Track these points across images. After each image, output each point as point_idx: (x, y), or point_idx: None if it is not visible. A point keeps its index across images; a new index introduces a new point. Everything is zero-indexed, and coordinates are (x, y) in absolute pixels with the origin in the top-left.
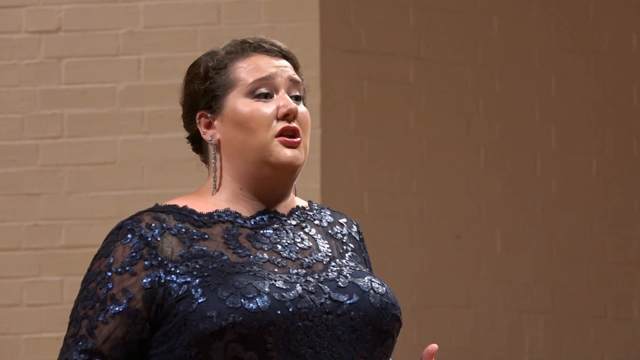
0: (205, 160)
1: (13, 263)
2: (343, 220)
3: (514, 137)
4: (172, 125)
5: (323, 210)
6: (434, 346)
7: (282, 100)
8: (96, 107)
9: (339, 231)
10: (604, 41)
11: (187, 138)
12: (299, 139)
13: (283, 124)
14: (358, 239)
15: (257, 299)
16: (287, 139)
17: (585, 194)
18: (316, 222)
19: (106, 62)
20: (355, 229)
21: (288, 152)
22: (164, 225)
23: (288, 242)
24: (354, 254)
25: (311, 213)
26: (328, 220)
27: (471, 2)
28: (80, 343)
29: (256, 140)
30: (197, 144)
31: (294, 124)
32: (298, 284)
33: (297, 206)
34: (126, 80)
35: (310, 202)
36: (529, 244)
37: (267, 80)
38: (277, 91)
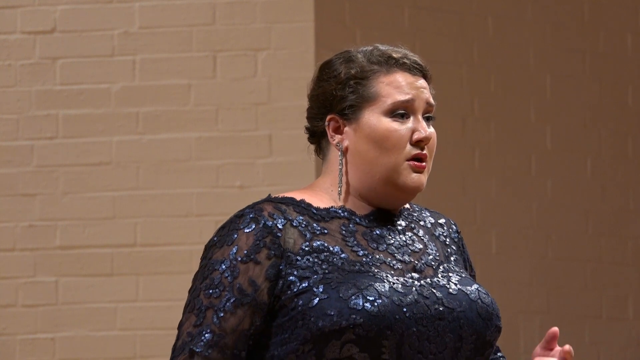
0: (321, 155)
1: (8, 263)
2: (442, 221)
3: (509, 137)
4: (167, 126)
5: (423, 211)
6: (555, 330)
7: (419, 126)
8: (91, 108)
9: (441, 233)
10: (599, 41)
11: (307, 129)
12: (424, 163)
13: (416, 150)
14: (457, 239)
15: (378, 302)
16: (416, 163)
17: (581, 194)
18: (421, 222)
19: (101, 63)
20: (454, 228)
21: (415, 177)
22: (286, 215)
23: (401, 243)
24: (457, 257)
25: (415, 214)
26: (430, 222)
27: (466, 2)
28: (205, 334)
29: (388, 160)
30: (316, 138)
31: (425, 151)
32: (414, 288)
33: (405, 207)
34: (121, 81)
35: (410, 203)
36: (525, 244)
37: (408, 103)
38: (414, 113)
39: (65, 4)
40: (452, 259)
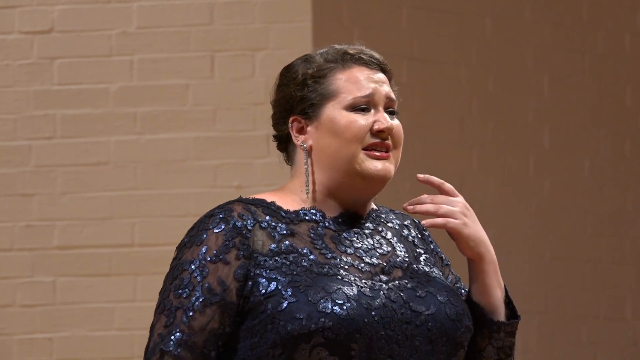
0: (289, 160)
1: (6, 263)
2: (407, 222)
3: (508, 137)
4: (165, 126)
5: (390, 214)
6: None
7: (380, 117)
8: (89, 108)
9: (408, 234)
10: (597, 41)
11: (274, 137)
12: (385, 152)
13: (375, 140)
14: (424, 236)
15: (347, 305)
16: (375, 152)
17: (579, 194)
18: (389, 224)
19: (99, 63)
20: (420, 227)
21: (378, 165)
22: (255, 217)
23: (369, 247)
24: (428, 255)
25: (383, 216)
26: (397, 224)
27: (464, 2)
28: (175, 333)
29: (348, 151)
30: (283, 144)
31: (387, 142)
32: (381, 292)
33: (372, 209)
34: (119, 81)
35: (377, 205)
36: (523, 244)
37: (368, 98)
38: (375, 106)
39: (63, 4)
40: (421, 259)
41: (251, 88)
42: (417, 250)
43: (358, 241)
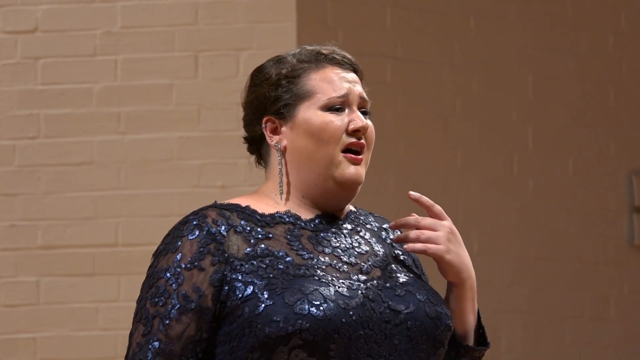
0: (262, 162)
1: None
2: (386, 225)
3: (492, 137)
4: (149, 126)
5: (369, 216)
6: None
7: (355, 117)
8: (73, 108)
9: (387, 236)
10: (581, 41)
11: (245, 138)
12: (361, 156)
13: (351, 139)
14: None
15: (324, 306)
16: (352, 155)
17: (563, 194)
18: (368, 225)
19: (83, 63)
20: (397, 232)
21: (352, 170)
22: (230, 222)
23: (347, 246)
24: (405, 256)
25: (362, 217)
26: (376, 225)
27: (448, 2)
28: (153, 342)
29: (325, 152)
30: (255, 145)
31: (362, 141)
32: (359, 291)
33: (350, 210)
34: (103, 81)
35: (356, 207)
36: (507, 244)
37: (343, 98)
38: (349, 106)
39: (47, 3)
40: (400, 259)
41: (235, 88)
42: (396, 251)
43: (336, 241)
